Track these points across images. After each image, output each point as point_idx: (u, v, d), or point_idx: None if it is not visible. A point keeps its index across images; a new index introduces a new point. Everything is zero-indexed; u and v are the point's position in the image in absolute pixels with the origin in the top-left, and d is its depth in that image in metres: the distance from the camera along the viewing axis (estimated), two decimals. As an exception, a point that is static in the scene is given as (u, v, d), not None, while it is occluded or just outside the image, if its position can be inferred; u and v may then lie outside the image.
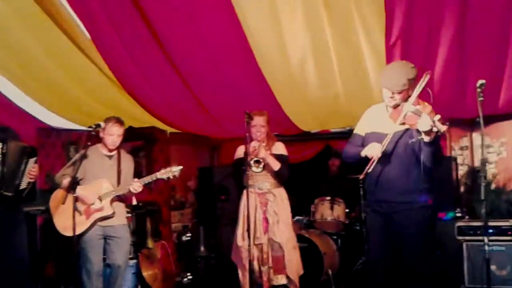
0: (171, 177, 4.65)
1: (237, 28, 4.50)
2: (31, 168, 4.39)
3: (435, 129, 3.42)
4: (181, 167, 4.67)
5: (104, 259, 4.79)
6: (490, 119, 5.80)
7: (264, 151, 4.70)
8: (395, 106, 3.75)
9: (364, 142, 3.92)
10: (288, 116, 6.09)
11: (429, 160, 3.66)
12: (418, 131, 3.57)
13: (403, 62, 3.89)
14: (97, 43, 4.97)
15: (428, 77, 3.60)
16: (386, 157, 3.76)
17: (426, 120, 3.43)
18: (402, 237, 3.80)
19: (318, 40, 4.62)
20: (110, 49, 5.08)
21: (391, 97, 3.71)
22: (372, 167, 3.77)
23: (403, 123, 3.69)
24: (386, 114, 3.85)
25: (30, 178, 4.40)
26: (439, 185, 4.33)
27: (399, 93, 3.67)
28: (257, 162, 4.67)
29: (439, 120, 3.39)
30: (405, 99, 3.69)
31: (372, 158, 3.74)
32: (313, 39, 4.64)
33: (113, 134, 4.70)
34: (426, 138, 3.52)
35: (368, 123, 3.98)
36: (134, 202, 4.78)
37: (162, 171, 4.65)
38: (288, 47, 4.78)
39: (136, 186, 4.60)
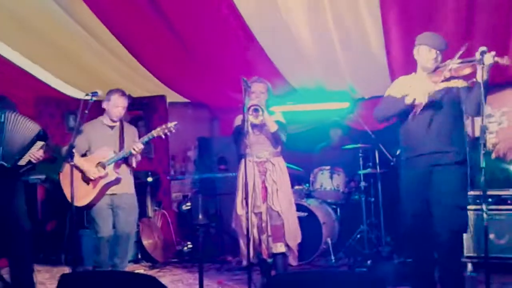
0: (168, 133, 4.71)
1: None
2: (36, 151, 4.34)
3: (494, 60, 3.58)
4: (175, 122, 4.72)
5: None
6: (492, 88, 5.72)
7: (264, 108, 4.65)
8: (436, 69, 3.93)
9: None
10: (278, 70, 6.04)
11: (473, 106, 3.79)
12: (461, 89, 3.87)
13: None
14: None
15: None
16: (424, 114, 3.91)
17: (488, 55, 3.57)
18: (436, 193, 3.91)
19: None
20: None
21: (435, 58, 3.92)
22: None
23: (448, 79, 3.86)
24: (418, 80, 3.99)
25: (32, 159, 4.36)
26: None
27: (441, 52, 3.91)
28: (256, 110, 4.59)
29: (495, 55, 3.59)
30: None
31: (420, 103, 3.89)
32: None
33: (119, 106, 4.81)
34: (484, 76, 3.60)
35: (400, 89, 4.07)
36: (134, 164, 4.82)
37: (158, 128, 4.71)
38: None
39: (136, 145, 4.66)
